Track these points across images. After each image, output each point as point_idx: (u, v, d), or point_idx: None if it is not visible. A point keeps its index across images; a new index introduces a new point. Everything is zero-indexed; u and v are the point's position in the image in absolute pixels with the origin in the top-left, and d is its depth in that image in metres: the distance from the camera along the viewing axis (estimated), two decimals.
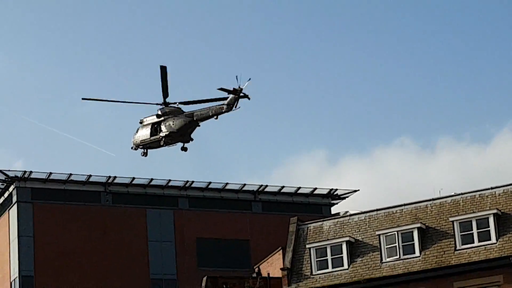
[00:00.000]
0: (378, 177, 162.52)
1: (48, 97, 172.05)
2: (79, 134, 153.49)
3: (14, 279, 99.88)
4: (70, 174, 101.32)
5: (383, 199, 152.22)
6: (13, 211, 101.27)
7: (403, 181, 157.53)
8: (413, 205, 57.59)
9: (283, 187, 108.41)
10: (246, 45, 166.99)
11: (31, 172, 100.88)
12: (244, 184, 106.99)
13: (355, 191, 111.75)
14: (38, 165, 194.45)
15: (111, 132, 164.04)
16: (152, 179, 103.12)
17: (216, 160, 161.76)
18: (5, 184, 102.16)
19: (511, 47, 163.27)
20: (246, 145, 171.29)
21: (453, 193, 57.46)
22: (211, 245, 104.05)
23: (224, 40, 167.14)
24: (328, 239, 57.85)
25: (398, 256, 55.81)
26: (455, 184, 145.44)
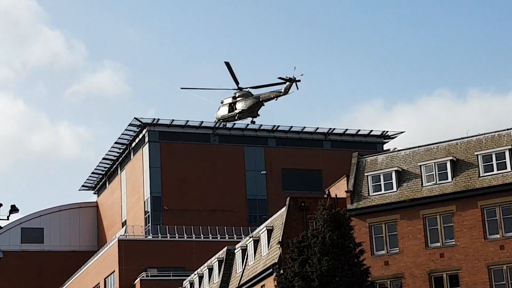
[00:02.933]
0: (421, 120, 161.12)
1: (174, 63, 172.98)
2: (195, 91, 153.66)
3: (147, 199, 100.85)
4: (187, 121, 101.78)
5: (424, 138, 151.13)
6: (146, 148, 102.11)
7: (441, 124, 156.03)
8: (447, 143, 56.59)
9: (346, 129, 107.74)
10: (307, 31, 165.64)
11: (158, 119, 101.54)
12: (317, 128, 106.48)
13: (402, 132, 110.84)
14: (165, 113, 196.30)
15: (218, 85, 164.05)
16: (248, 124, 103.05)
17: (296, 108, 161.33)
18: (139, 128, 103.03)
19: None
20: (321, 97, 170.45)
21: (477, 133, 56.47)
22: (292, 174, 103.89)
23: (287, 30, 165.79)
24: (381, 169, 57.18)
25: (434, 182, 54.93)
26: (482, 125, 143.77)
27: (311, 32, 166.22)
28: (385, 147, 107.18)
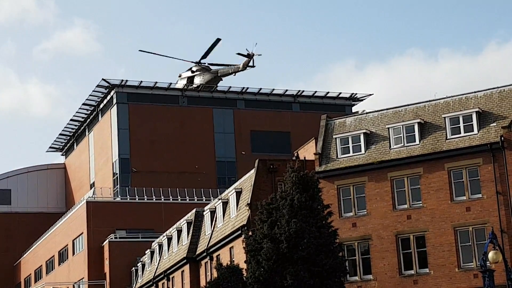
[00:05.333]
0: (392, 81, 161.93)
1: (147, 22, 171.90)
2: (164, 52, 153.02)
3: (115, 161, 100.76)
4: (156, 82, 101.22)
5: (395, 99, 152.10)
6: (114, 110, 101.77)
7: (412, 85, 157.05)
8: (415, 105, 56.86)
9: (315, 91, 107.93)
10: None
11: (127, 80, 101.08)
12: (286, 90, 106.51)
13: (370, 94, 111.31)
14: (135, 73, 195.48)
15: (187, 49, 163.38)
16: (217, 86, 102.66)
17: (268, 69, 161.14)
18: (108, 89, 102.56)
19: None
20: (292, 57, 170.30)
21: (445, 96, 56.78)
22: (261, 136, 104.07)
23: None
24: (349, 131, 57.41)
25: (402, 144, 55.30)
26: (452, 86, 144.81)
27: None
28: (354, 109, 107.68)
